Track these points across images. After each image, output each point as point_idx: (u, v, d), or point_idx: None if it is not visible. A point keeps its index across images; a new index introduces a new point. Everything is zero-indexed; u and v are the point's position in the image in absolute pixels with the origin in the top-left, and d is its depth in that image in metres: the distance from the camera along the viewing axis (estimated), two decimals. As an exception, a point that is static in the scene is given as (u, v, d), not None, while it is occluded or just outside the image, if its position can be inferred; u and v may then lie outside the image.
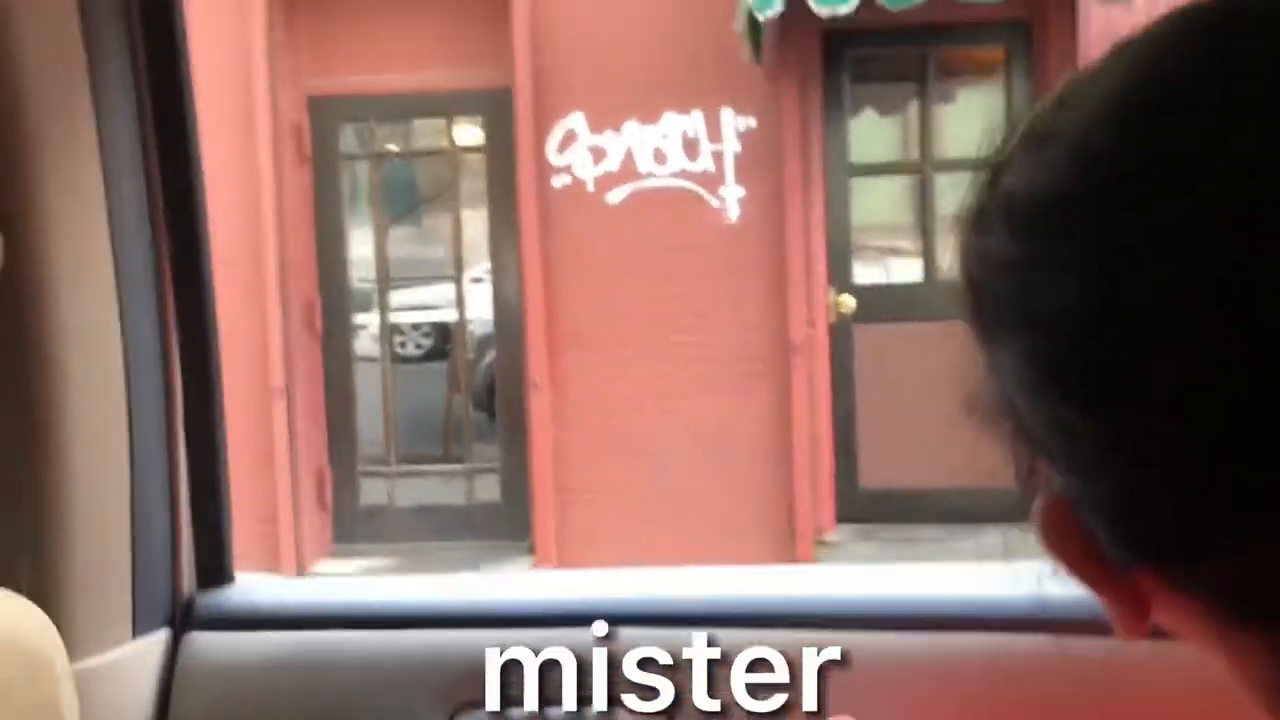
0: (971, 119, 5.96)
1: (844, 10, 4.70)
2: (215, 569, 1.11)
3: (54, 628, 0.72)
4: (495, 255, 5.96)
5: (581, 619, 1.01)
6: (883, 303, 5.74)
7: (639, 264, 5.64)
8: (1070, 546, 0.39)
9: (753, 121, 5.62)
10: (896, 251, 5.97)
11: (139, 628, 0.99)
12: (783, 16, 5.30)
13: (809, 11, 5.12)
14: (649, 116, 5.63)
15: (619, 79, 5.62)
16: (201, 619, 1.06)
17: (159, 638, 1.02)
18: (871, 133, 5.94)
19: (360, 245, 6.08)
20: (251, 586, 1.11)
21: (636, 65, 5.61)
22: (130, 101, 0.95)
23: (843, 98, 5.80)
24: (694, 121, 5.62)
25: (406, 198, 6.83)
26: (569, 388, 5.73)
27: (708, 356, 5.65)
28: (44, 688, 0.68)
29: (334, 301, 5.98)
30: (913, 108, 5.86)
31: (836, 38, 5.67)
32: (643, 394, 5.67)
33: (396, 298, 6.30)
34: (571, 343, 5.71)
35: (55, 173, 0.88)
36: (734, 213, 5.65)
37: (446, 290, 6.19)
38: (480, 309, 6.17)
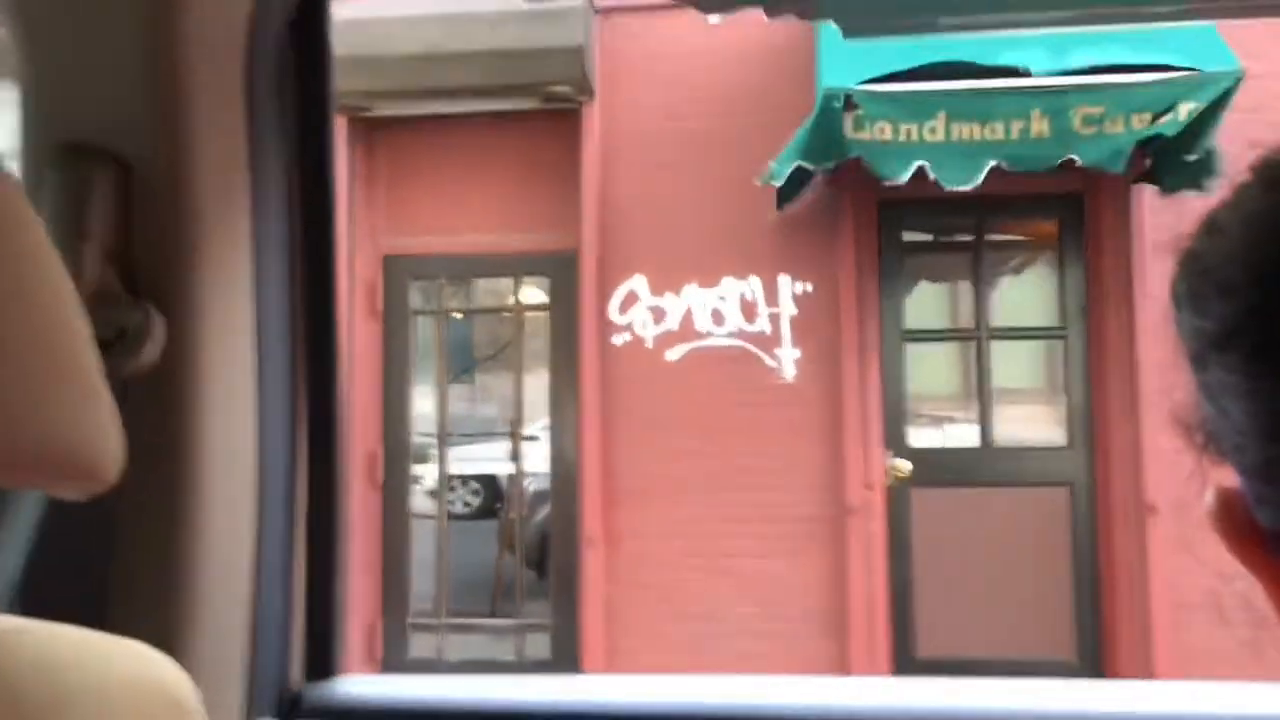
0: (1025, 289, 6.06)
1: (903, 179, 4.86)
2: (323, 663, 1.13)
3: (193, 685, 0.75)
4: (555, 410, 6.07)
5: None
6: (939, 467, 5.73)
7: (696, 422, 5.71)
8: (1234, 530, 0.50)
9: (810, 286, 5.76)
10: (952, 417, 5.98)
11: (250, 713, 1.01)
12: (839, 189, 5.51)
13: (865, 182, 5.31)
14: (708, 280, 5.81)
15: (680, 245, 5.83)
16: (308, 709, 1.08)
17: None
18: (926, 300, 6.05)
19: (423, 399, 6.24)
20: (356, 681, 1.12)
21: (697, 232, 5.82)
22: (283, 215, 1.04)
23: (898, 265, 5.94)
24: (752, 285, 5.78)
25: (470, 353, 7.02)
26: (623, 545, 5.73)
27: (763, 516, 5.64)
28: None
29: (395, 454, 6.10)
30: (967, 276, 5.97)
31: (892, 207, 5.86)
32: (697, 553, 5.65)
33: (455, 452, 6.40)
34: (627, 499, 5.74)
35: (214, 270, 0.96)
36: (790, 373, 5.73)
37: (502, 446, 6.28)
38: (535, 464, 6.24)
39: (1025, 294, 6.08)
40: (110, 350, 0.87)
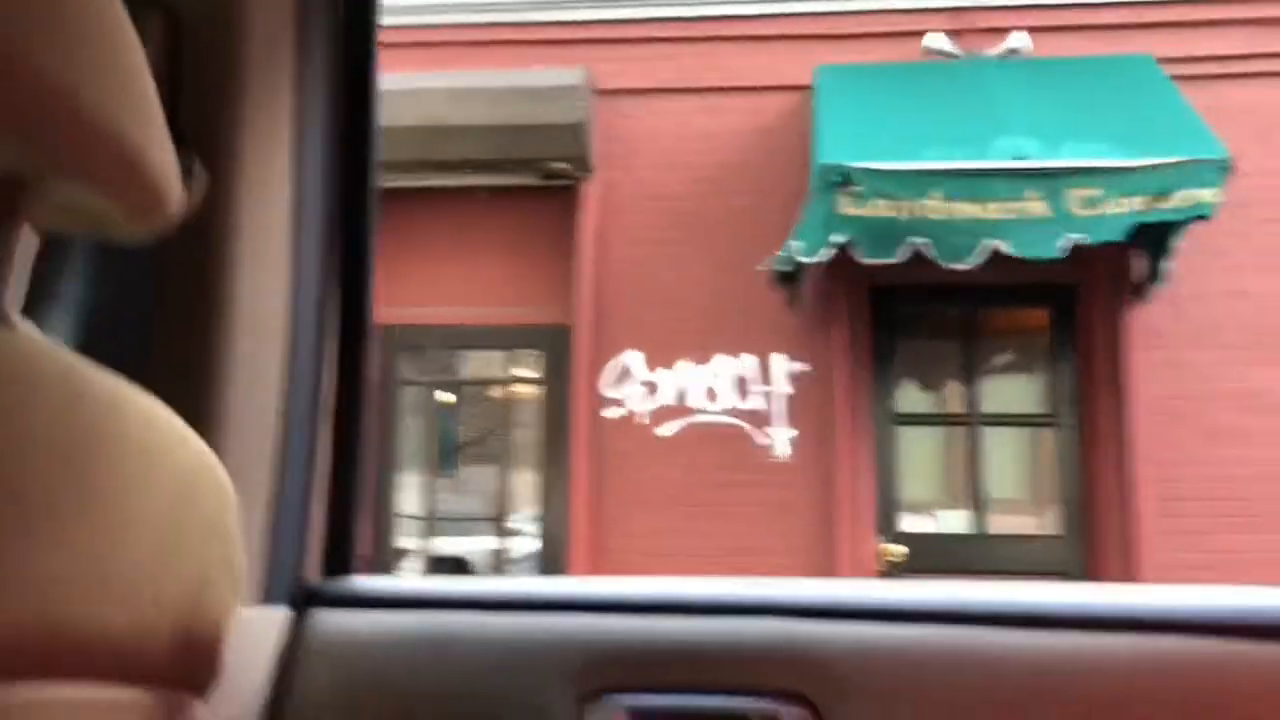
0: (1017, 376, 6.07)
1: (891, 260, 4.90)
2: (340, 561, 1.10)
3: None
4: (544, 488, 5.98)
5: (719, 608, 0.99)
6: (932, 552, 5.65)
7: (688, 497, 5.64)
8: None
9: (803, 366, 5.76)
10: (945, 503, 5.93)
11: (264, 599, 0.98)
12: (834, 272, 5.55)
13: (859, 266, 5.35)
14: (702, 357, 5.80)
15: (674, 321, 5.84)
16: (326, 599, 1.04)
17: (281, 611, 1.00)
18: (919, 385, 6.04)
19: (409, 482, 6.15)
20: (371, 580, 1.09)
21: (691, 309, 5.83)
22: (326, 77, 1.04)
23: (891, 349, 5.95)
24: (745, 364, 5.78)
25: (460, 427, 6.94)
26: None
27: (752, 598, 5.52)
28: (227, 514, 0.67)
29: (380, 529, 5.98)
30: (959, 362, 5.98)
31: (884, 293, 5.89)
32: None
33: (439, 531, 6.29)
34: (617, 574, 5.62)
35: (255, 127, 0.95)
36: (783, 452, 5.69)
37: (489, 531, 6.19)
38: (526, 543, 6.12)
39: (1017, 382, 6.08)
40: None
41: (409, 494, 6.14)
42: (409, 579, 1.14)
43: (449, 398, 6.39)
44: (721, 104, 6.01)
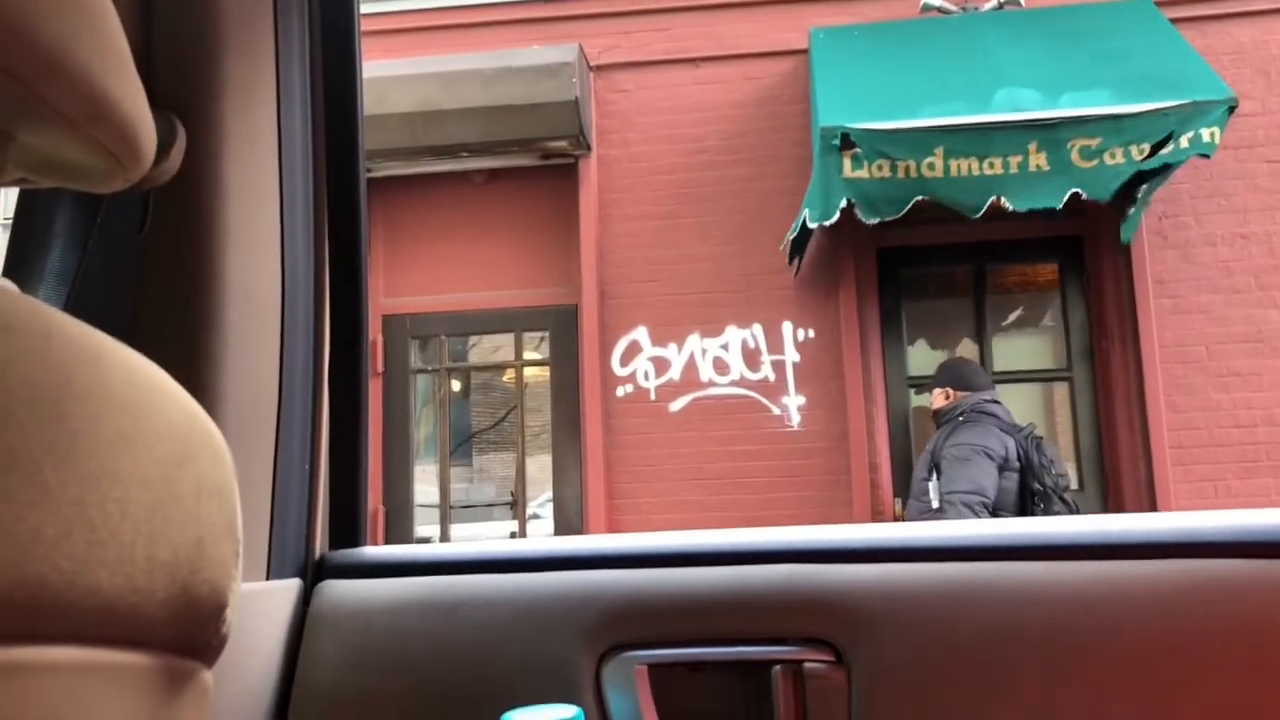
0: (1028, 332, 6.03)
1: (890, 219, 4.85)
2: (348, 534, 1.10)
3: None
4: (557, 467, 5.98)
5: (735, 556, 0.97)
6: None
7: (701, 471, 5.63)
8: None
9: (812, 332, 5.73)
10: (961, 464, 5.89)
11: (272, 574, 0.97)
12: (839, 235, 5.51)
13: (865, 229, 5.32)
14: (710, 329, 5.77)
15: (680, 294, 5.81)
16: (334, 569, 1.04)
17: (292, 583, 1.00)
18: (930, 345, 6.01)
19: (426, 464, 6.15)
20: (382, 549, 1.09)
21: (697, 281, 5.80)
22: (303, 29, 1.02)
23: (899, 312, 5.91)
24: (754, 333, 5.75)
25: (471, 418, 6.94)
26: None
27: (773, 568, 5.51)
28: (225, 474, 0.65)
29: (397, 514, 5.99)
30: (969, 321, 5.94)
31: (891, 255, 5.86)
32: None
33: (457, 519, 6.29)
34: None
35: (235, 83, 0.93)
36: (796, 420, 5.67)
37: (503, 520, 6.19)
38: (543, 524, 6.13)
39: (1029, 338, 6.04)
40: None
41: (427, 484, 6.14)
42: (418, 547, 1.13)
43: (460, 384, 6.39)
44: (717, 73, 5.96)
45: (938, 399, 4.52)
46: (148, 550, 0.56)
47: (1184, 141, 4.69)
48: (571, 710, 0.77)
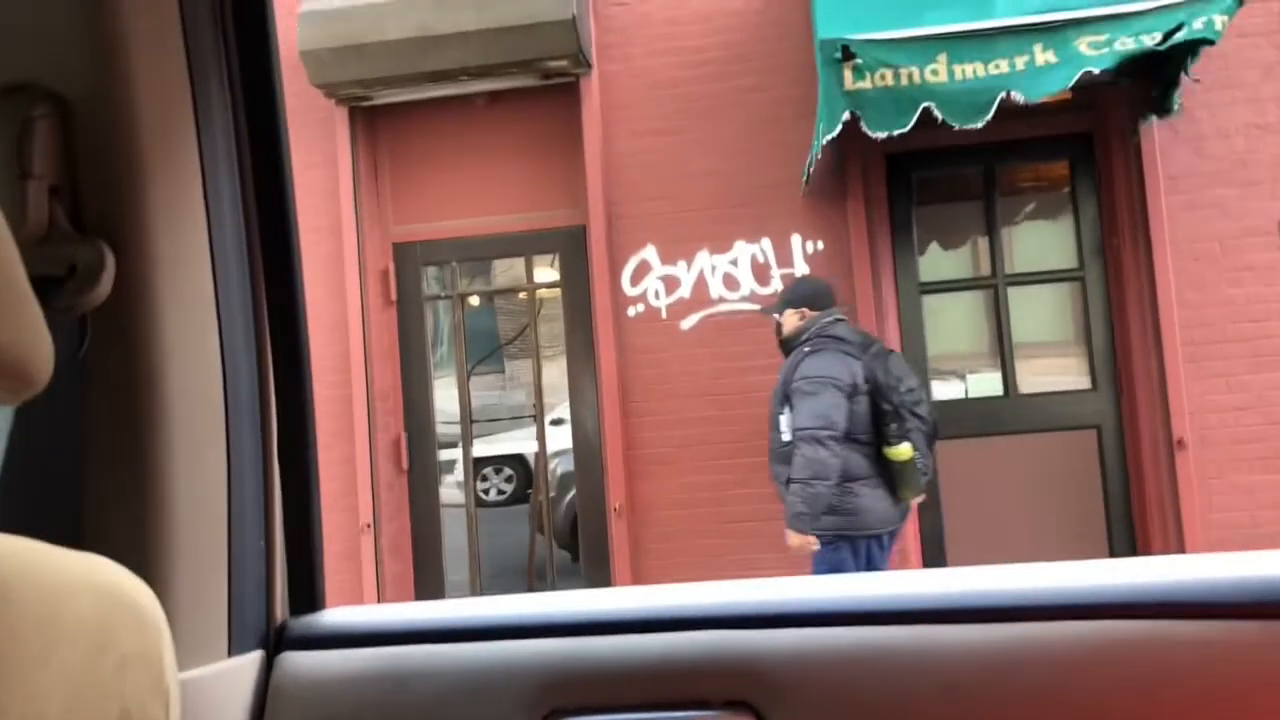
0: (1040, 233, 5.99)
1: (898, 132, 4.78)
2: (307, 599, 1.14)
3: (158, 600, 0.73)
4: (574, 388, 6.06)
5: (664, 624, 1.03)
6: (963, 418, 5.68)
7: (714, 387, 5.69)
8: None
9: (821, 244, 5.72)
10: (974, 368, 5.93)
11: (234, 649, 1.02)
12: (846, 143, 5.45)
13: (871, 137, 5.25)
14: (719, 246, 5.77)
15: (688, 211, 5.79)
16: (294, 640, 1.09)
17: (254, 657, 1.05)
18: (941, 251, 5.99)
19: (444, 383, 6.25)
20: (341, 613, 1.14)
21: (704, 197, 5.78)
22: (230, 144, 1.03)
23: (910, 218, 5.88)
24: (763, 247, 5.74)
25: (487, 335, 7.02)
26: (649, 514, 5.72)
27: (789, 478, 5.60)
28: (150, 640, 0.68)
29: (419, 439, 6.11)
30: (980, 224, 5.91)
31: (899, 160, 5.80)
32: (723, 518, 5.64)
33: (480, 433, 6.42)
34: (650, 470, 5.73)
35: (163, 203, 0.94)
36: (807, 333, 5.68)
37: (528, 429, 6.29)
38: (561, 443, 6.24)
39: (1040, 238, 6.01)
40: (63, 286, 0.88)
41: (448, 404, 6.24)
42: (374, 611, 1.18)
43: (474, 308, 6.44)
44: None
45: (790, 320, 4.50)
46: None
47: (1198, 24, 4.58)
48: None
